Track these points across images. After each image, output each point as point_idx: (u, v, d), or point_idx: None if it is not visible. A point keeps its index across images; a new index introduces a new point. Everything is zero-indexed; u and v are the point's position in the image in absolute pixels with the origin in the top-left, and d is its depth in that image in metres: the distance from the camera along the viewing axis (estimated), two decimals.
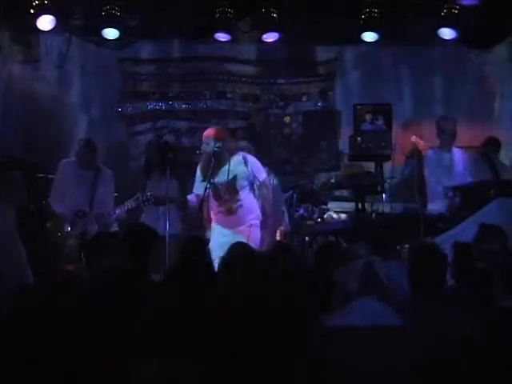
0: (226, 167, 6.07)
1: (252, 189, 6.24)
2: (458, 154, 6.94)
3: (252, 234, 6.10)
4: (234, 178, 6.10)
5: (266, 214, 6.24)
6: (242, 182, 6.14)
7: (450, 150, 6.95)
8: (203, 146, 6.19)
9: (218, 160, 6.04)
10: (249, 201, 6.20)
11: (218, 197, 6.16)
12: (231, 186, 6.12)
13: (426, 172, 6.93)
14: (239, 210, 6.15)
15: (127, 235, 4.66)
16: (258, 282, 3.25)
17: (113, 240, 4.50)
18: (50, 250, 6.51)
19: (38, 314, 2.88)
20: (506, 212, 5.73)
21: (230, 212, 6.15)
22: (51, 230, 6.64)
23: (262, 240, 6.15)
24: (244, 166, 6.15)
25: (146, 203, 6.43)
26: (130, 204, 6.49)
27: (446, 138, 6.89)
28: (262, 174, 6.27)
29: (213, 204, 6.20)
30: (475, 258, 4.34)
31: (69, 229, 6.54)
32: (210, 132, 6.19)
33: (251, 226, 6.16)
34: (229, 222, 6.17)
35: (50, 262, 6.33)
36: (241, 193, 6.16)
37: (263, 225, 6.23)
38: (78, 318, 2.78)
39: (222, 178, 6.09)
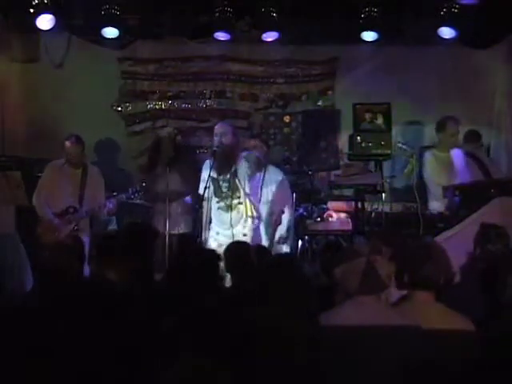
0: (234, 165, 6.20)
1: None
2: (457, 153, 6.92)
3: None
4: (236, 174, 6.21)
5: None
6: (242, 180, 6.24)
7: (450, 150, 6.92)
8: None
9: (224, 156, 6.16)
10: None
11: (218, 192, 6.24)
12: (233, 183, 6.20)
13: (427, 171, 6.92)
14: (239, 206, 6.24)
15: (128, 235, 4.67)
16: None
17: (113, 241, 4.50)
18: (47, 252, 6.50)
19: (37, 315, 2.88)
20: (506, 211, 5.72)
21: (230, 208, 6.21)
22: (42, 234, 6.58)
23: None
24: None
25: (137, 195, 6.51)
26: (120, 197, 6.55)
27: (447, 139, 6.87)
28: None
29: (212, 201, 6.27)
30: (478, 258, 4.34)
31: (56, 234, 6.50)
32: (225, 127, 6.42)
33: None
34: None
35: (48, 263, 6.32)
36: (241, 190, 6.23)
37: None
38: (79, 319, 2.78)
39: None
